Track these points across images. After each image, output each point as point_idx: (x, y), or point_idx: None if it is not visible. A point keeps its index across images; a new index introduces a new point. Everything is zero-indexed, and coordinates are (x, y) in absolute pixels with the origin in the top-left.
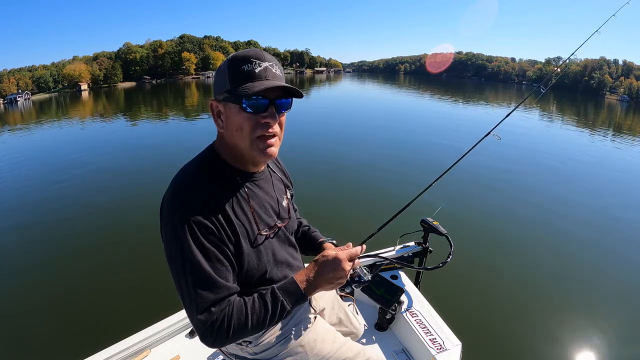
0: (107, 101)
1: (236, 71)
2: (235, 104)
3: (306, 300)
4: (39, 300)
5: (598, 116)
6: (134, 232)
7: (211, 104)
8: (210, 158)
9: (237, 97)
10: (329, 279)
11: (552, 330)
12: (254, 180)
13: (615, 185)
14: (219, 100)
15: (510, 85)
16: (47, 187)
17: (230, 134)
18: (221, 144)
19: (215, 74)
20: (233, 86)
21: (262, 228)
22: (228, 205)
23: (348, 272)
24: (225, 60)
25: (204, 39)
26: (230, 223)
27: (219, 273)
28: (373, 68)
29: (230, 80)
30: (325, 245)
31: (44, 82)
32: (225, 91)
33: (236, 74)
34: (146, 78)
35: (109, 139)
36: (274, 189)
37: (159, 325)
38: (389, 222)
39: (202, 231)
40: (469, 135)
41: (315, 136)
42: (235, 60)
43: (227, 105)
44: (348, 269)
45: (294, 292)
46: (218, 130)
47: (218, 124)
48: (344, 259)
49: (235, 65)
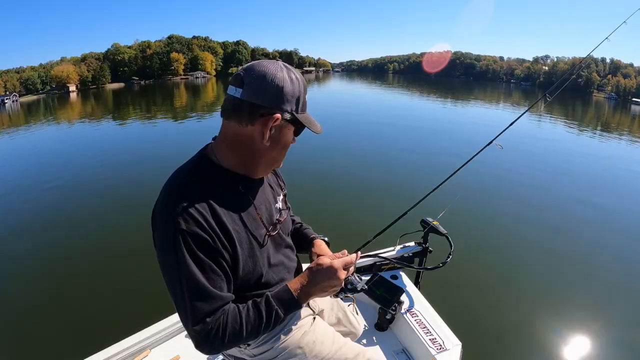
0: (96, 102)
1: (300, 97)
2: (292, 126)
3: (300, 307)
4: (39, 300)
5: (586, 115)
6: (133, 232)
7: (275, 116)
8: (203, 165)
9: (300, 124)
10: (323, 287)
11: (552, 330)
12: (250, 185)
13: (615, 185)
14: (284, 118)
15: (498, 83)
16: (47, 187)
17: (275, 149)
18: (234, 149)
19: (281, 86)
20: (297, 111)
21: (258, 232)
22: (223, 212)
23: (342, 281)
24: (296, 79)
25: (192, 39)
26: (226, 230)
27: (213, 283)
28: (362, 67)
29: (297, 105)
30: (316, 242)
31: (31, 83)
32: (291, 112)
33: (300, 101)
34: (135, 79)
35: (100, 140)
36: (269, 191)
37: (159, 325)
38: (386, 229)
39: (196, 242)
40: (466, 136)
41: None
42: (304, 86)
43: (286, 125)
44: (342, 277)
45: (288, 300)
46: (252, 138)
47: (267, 134)
48: (339, 267)
49: (304, 92)
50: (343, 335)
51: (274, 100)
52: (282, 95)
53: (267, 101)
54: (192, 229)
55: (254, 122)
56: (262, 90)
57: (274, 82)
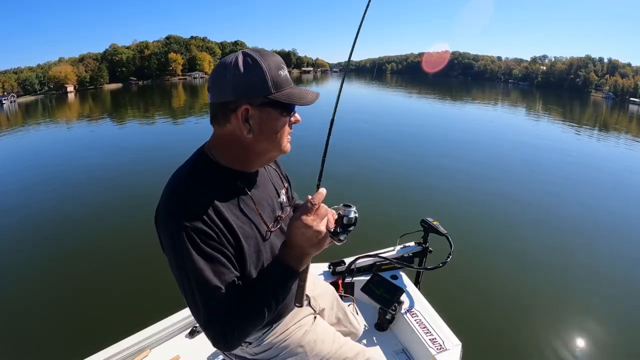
0: (94, 103)
1: (275, 75)
2: (276, 109)
3: (298, 273)
4: (39, 300)
5: (584, 114)
6: (134, 232)
7: (244, 109)
8: (203, 162)
9: (281, 104)
10: (304, 243)
11: (552, 330)
12: (251, 180)
13: (614, 184)
14: (255, 105)
15: (496, 83)
16: (46, 187)
17: (264, 138)
18: (225, 147)
19: (236, 76)
20: (277, 91)
21: (262, 227)
22: (226, 208)
23: (318, 225)
24: (252, 62)
25: (190, 39)
26: (230, 227)
27: (222, 277)
28: (360, 67)
29: (266, 86)
30: None
31: (29, 84)
32: (263, 96)
33: (276, 80)
34: (133, 79)
35: (99, 140)
36: (272, 184)
37: (159, 325)
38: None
39: (201, 237)
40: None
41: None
42: (272, 64)
43: (264, 110)
44: (314, 223)
45: (283, 271)
46: (233, 134)
47: (245, 128)
48: (303, 216)
49: (274, 70)
50: (343, 335)
51: (237, 92)
52: (242, 84)
53: (230, 95)
54: (196, 224)
55: (229, 119)
56: (222, 87)
57: (229, 75)
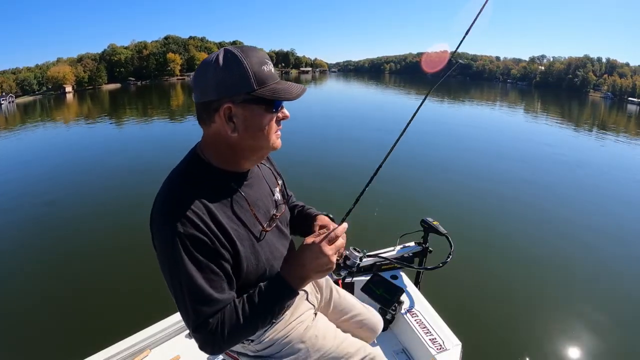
0: (92, 103)
1: (258, 71)
2: (260, 106)
3: (296, 294)
4: (39, 300)
5: (582, 114)
6: (133, 232)
7: (226, 108)
8: (195, 164)
9: (265, 100)
10: (313, 268)
11: (552, 330)
12: (245, 179)
13: (614, 184)
14: (237, 103)
15: (495, 83)
16: (46, 188)
17: (250, 136)
18: (213, 148)
19: (217, 74)
20: (259, 87)
21: (257, 227)
22: (220, 211)
23: (332, 256)
24: (232, 58)
25: (188, 39)
26: (224, 230)
27: (214, 284)
28: (359, 68)
29: (248, 83)
30: (319, 217)
31: (28, 84)
32: (246, 92)
33: (259, 75)
34: (131, 79)
35: (98, 140)
36: (266, 183)
37: (159, 325)
38: (363, 193)
39: (194, 244)
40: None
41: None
42: (254, 60)
43: (247, 107)
44: (330, 252)
45: (283, 288)
46: (219, 134)
47: (229, 127)
48: (323, 243)
49: (256, 65)
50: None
51: (218, 90)
52: (223, 82)
53: (212, 94)
54: (190, 231)
55: (213, 119)
56: (204, 87)
57: (210, 73)
